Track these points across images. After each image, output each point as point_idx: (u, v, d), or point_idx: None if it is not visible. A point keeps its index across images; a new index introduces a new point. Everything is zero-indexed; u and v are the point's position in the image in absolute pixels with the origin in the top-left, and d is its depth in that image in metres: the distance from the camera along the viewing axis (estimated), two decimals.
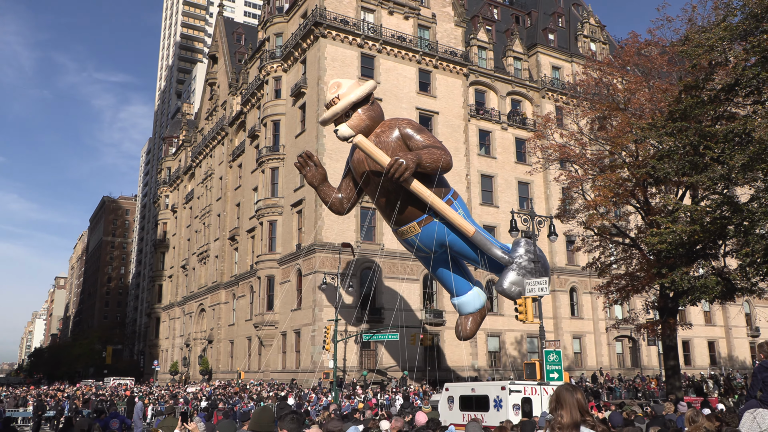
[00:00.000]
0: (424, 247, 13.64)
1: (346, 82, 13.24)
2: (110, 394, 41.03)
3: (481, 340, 48.73)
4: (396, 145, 12.88)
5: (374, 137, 13.09)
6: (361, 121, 13.01)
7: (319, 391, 34.05)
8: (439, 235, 13.18)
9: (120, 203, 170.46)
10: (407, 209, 13.16)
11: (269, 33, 53.81)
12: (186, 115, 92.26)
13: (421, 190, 12.65)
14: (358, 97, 12.96)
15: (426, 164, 12.41)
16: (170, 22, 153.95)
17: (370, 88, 13.29)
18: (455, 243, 13.41)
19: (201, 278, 68.28)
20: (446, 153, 12.93)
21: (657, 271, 24.81)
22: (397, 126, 13.23)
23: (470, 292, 14.52)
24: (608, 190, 27.16)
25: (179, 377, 67.10)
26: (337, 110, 13.00)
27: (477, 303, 14.47)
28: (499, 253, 13.20)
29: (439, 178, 13.49)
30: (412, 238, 13.64)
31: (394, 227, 13.90)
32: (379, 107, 13.52)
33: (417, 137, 13.03)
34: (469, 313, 14.48)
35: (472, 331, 14.47)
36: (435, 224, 13.21)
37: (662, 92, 28.13)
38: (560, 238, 51.48)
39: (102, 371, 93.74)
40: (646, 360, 55.39)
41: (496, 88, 55.25)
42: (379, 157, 12.49)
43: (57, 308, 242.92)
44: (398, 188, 12.73)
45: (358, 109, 13.04)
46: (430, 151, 12.59)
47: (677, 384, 27.72)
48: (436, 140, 13.37)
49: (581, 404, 4.50)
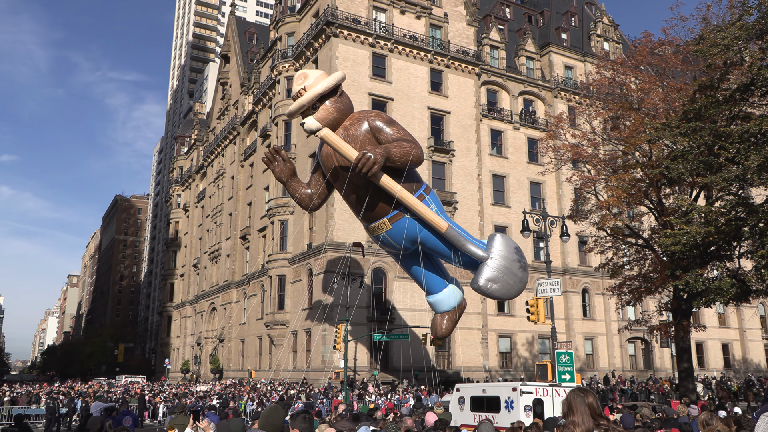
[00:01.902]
0: (395, 243, 13.06)
1: (313, 73, 12.79)
2: (122, 392, 41.32)
3: (492, 341, 48.58)
4: (365, 138, 12.39)
5: (342, 130, 12.60)
6: (328, 114, 12.55)
7: (329, 392, 34.05)
8: (409, 232, 12.67)
9: (132, 202, 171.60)
10: (378, 205, 12.67)
11: (281, 32, 53.92)
12: (198, 115, 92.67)
13: (390, 185, 12.08)
14: (325, 88, 12.45)
15: (395, 158, 11.89)
16: (183, 22, 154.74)
17: (338, 79, 12.80)
18: (428, 239, 12.84)
19: (212, 277, 68.55)
20: (417, 146, 12.39)
21: (671, 273, 24.57)
22: (366, 118, 12.72)
23: (445, 289, 13.76)
24: (621, 191, 26.93)
25: (190, 376, 67.41)
26: (302, 102, 12.53)
27: (452, 301, 13.68)
28: (473, 248, 12.52)
29: (411, 172, 13.01)
30: (383, 235, 13.09)
31: (365, 224, 13.41)
32: (348, 99, 13.10)
33: (387, 130, 12.55)
34: (444, 312, 13.74)
35: (448, 330, 13.72)
36: (405, 220, 12.66)
37: (676, 92, 27.86)
38: (572, 239, 51.21)
39: (114, 369, 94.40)
40: (659, 362, 54.97)
41: (508, 88, 55.04)
42: (346, 151, 12.00)
43: (70, 306, 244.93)
44: (368, 183, 12.23)
45: (325, 101, 12.58)
46: (399, 145, 12.06)
47: (690, 386, 27.46)
48: (407, 133, 12.84)
49: (594, 408, 4.44)
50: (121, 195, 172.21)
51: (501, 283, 12.42)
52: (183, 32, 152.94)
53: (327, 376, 39.78)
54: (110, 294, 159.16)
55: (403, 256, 13.76)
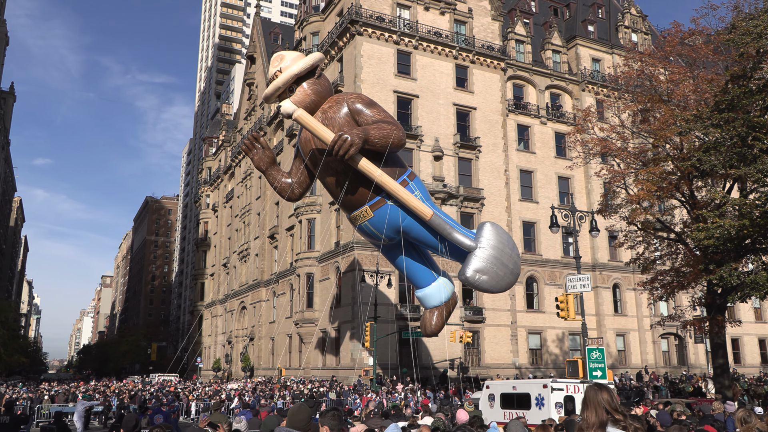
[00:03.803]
0: (377, 233, 12.19)
1: (289, 54, 12.07)
2: (156, 390, 42.04)
3: (521, 338, 48.27)
4: (344, 121, 11.71)
5: (321, 113, 11.94)
6: (306, 96, 11.83)
7: (359, 389, 34.19)
8: (392, 219, 11.83)
9: (163, 203, 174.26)
10: (358, 191, 11.88)
11: (306, 32, 54.19)
12: (225, 116, 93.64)
13: (370, 168, 11.35)
14: (301, 69, 11.72)
15: (374, 140, 11.11)
16: (209, 24, 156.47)
17: (315, 60, 12.05)
18: (412, 228, 11.97)
19: (242, 276, 69.28)
20: (398, 128, 11.57)
21: (704, 267, 24.14)
22: (346, 101, 11.98)
23: (434, 283, 12.81)
24: (652, 184, 26.51)
25: (222, 374, 68.26)
26: (278, 84, 11.79)
27: (442, 295, 12.71)
28: (460, 237, 11.63)
29: (394, 157, 12.17)
30: (365, 224, 12.22)
31: (347, 213, 12.67)
32: (326, 81, 12.33)
33: (366, 111, 11.81)
34: (434, 307, 12.74)
35: (438, 327, 12.66)
36: (388, 207, 11.81)
37: (707, 82, 27.33)
38: (602, 234, 50.58)
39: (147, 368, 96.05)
40: (693, 358, 54.02)
41: (534, 82, 54.54)
42: (322, 133, 11.29)
43: (104, 306, 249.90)
44: (347, 168, 11.58)
45: (302, 83, 11.88)
46: (379, 126, 11.32)
47: (726, 383, 26.93)
48: (388, 115, 12.07)
49: (609, 403, 4.53)
50: (152, 196, 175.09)
51: (490, 274, 11.55)
52: (209, 34, 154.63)
53: (356, 374, 39.93)
54: (142, 294, 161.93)
55: (387, 247, 12.93)
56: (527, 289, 50.05)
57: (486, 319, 46.47)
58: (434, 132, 47.64)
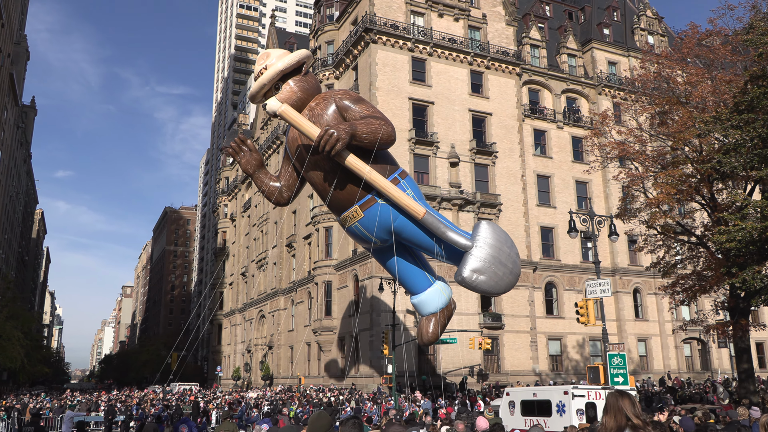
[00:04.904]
0: (367, 234, 11.49)
1: (275, 52, 11.68)
2: (177, 399, 42.29)
3: (541, 344, 47.89)
4: (332, 119, 11.30)
5: (308, 111, 11.50)
6: (292, 94, 11.39)
7: (378, 397, 34.09)
8: (383, 219, 11.18)
9: (181, 213, 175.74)
10: (348, 191, 11.34)
11: (320, 41, 54.50)
12: (242, 126, 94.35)
13: (358, 165, 10.83)
14: (286, 65, 11.29)
15: (362, 135, 10.60)
16: (225, 35, 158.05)
17: (301, 56, 11.62)
18: (404, 228, 11.30)
19: (260, 285, 69.57)
20: (387, 123, 11.03)
21: (726, 271, 23.77)
22: (333, 97, 11.54)
23: (430, 288, 12.06)
24: (671, 187, 26.21)
25: (241, 383, 68.49)
26: (263, 81, 11.33)
27: (438, 302, 11.99)
28: (454, 236, 10.93)
29: (385, 154, 11.67)
30: (355, 225, 11.58)
31: (337, 214, 12.08)
32: (313, 78, 11.91)
33: (354, 107, 11.36)
34: (430, 314, 11.97)
35: (435, 335, 11.91)
36: (378, 206, 11.18)
37: (726, 84, 26.99)
38: (622, 238, 50.10)
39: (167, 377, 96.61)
40: (717, 363, 53.19)
41: (550, 87, 54.31)
42: (308, 129, 10.79)
43: (124, 316, 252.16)
44: (336, 167, 11.13)
45: (289, 80, 11.48)
46: (367, 122, 10.84)
47: (751, 388, 26.47)
48: (376, 111, 11.61)
49: (629, 409, 4.59)
50: (171, 207, 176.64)
51: (488, 274, 10.81)
52: (225, 45, 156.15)
53: (375, 382, 39.84)
54: (162, 303, 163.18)
55: (379, 251, 12.28)
56: (546, 294, 49.68)
57: (505, 326, 46.18)
58: (450, 138, 47.60)
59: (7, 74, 69.93)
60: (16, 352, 52.33)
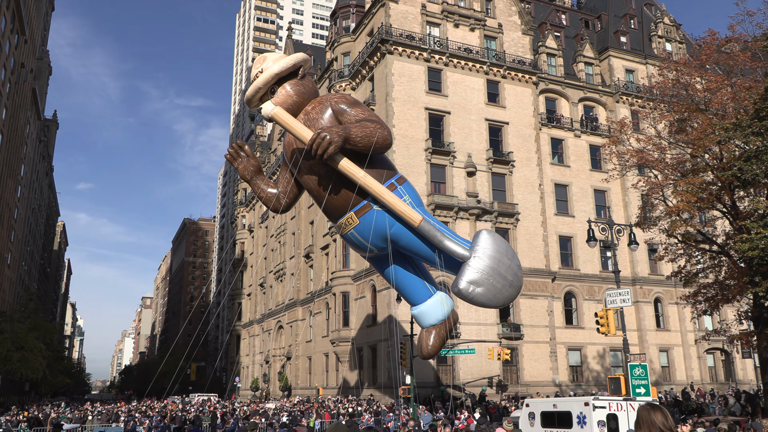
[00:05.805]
0: (363, 241, 11.10)
1: (271, 55, 11.47)
2: (196, 410, 42.46)
3: (561, 354, 47.41)
4: (328, 123, 11.05)
5: (304, 115, 11.24)
6: (287, 98, 11.15)
7: (397, 408, 33.93)
8: (378, 226, 10.77)
9: (200, 225, 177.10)
10: (343, 197, 10.99)
11: (337, 53, 54.84)
12: (260, 137, 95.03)
13: (352, 170, 10.49)
14: (282, 68, 11.06)
15: (356, 139, 10.29)
16: (242, 48, 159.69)
17: (298, 60, 11.37)
18: (401, 236, 10.85)
19: (278, 296, 69.78)
20: (382, 127, 10.72)
21: (749, 280, 23.42)
22: (329, 101, 11.30)
23: (431, 299, 11.60)
24: (691, 195, 25.92)
25: (260, 393, 68.57)
26: (258, 85, 11.09)
27: (439, 313, 11.49)
28: (451, 245, 10.45)
29: (382, 159, 11.31)
30: (350, 232, 11.18)
31: (332, 221, 11.75)
32: (310, 82, 11.64)
33: (350, 111, 11.09)
34: (431, 326, 11.46)
35: (435, 348, 11.39)
36: (374, 212, 10.80)
37: (746, 90, 26.69)
38: (641, 247, 49.60)
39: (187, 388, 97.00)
40: (741, 374, 52.27)
41: (567, 95, 54.10)
42: (301, 132, 10.52)
43: (144, 327, 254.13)
44: (330, 171, 10.80)
45: (285, 84, 11.24)
46: (362, 125, 10.55)
47: None
48: (372, 114, 11.32)
49: (663, 423, 4.62)
50: (189, 218, 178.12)
51: (486, 286, 10.34)
52: (243, 58, 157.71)
53: (394, 393, 39.67)
54: (181, 314, 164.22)
55: (377, 259, 11.87)
56: (566, 304, 49.24)
57: (524, 336, 45.82)
58: (467, 148, 47.54)
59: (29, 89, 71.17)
60: (38, 363, 52.92)
